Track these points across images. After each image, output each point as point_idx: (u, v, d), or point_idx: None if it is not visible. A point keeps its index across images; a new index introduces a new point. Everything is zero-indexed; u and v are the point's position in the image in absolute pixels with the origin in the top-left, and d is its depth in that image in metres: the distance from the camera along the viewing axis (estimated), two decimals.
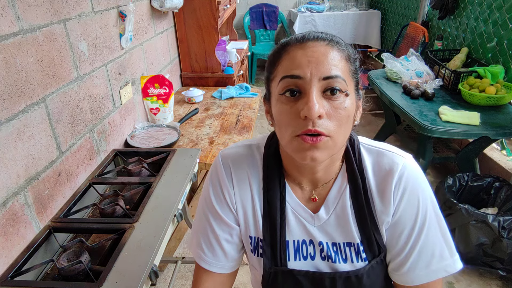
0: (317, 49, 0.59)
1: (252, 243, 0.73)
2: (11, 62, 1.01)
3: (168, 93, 1.92)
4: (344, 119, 0.59)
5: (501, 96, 1.99)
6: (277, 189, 0.70)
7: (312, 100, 0.56)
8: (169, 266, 1.87)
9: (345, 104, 0.59)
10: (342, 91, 0.58)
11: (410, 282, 0.68)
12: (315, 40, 0.60)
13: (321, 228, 0.70)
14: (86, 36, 1.38)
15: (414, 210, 0.66)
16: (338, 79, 0.57)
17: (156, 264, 1.04)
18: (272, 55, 0.65)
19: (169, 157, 1.49)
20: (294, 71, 0.58)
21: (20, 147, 1.04)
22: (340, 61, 0.59)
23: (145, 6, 1.95)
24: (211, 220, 0.73)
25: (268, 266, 0.70)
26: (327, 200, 0.70)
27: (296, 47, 0.60)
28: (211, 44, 2.44)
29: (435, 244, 0.66)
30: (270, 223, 0.70)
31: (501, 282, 1.79)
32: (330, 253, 0.69)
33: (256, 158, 0.73)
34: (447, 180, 2.00)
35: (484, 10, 2.47)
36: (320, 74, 0.57)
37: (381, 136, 2.85)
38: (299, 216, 0.70)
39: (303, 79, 0.57)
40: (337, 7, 4.47)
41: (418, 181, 0.67)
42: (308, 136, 0.57)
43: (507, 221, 1.65)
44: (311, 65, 0.57)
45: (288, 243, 0.70)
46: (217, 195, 0.72)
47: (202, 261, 0.74)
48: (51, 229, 1.11)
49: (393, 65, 2.52)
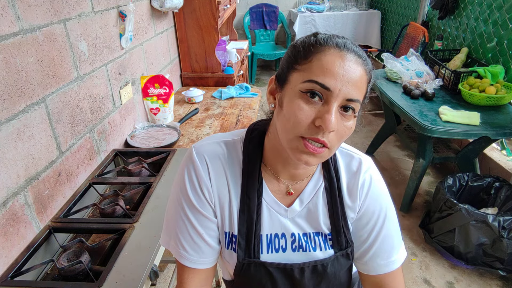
0: (353, 66, 0.59)
1: (226, 238, 0.75)
2: (11, 62, 1.01)
3: (168, 93, 1.92)
4: (345, 137, 0.63)
5: (501, 96, 1.99)
6: (255, 185, 0.72)
7: (332, 114, 0.58)
8: (169, 266, 1.87)
9: (351, 125, 0.63)
10: (354, 112, 0.61)
11: (372, 271, 0.76)
12: (354, 54, 0.60)
13: (293, 220, 0.74)
14: (86, 36, 1.38)
15: (377, 206, 0.74)
16: (357, 103, 0.60)
17: (156, 264, 1.04)
18: (304, 47, 0.62)
19: (169, 157, 1.49)
20: (326, 81, 0.58)
21: (20, 147, 1.04)
22: (364, 85, 0.62)
23: (145, 6, 1.95)
24: (190, 216, 0.72)
25: (242, 257, 0.73)
26: (303, 194, 0.74)
27: (334, 52, 0.59)
28: (211, 44, 2.44)
29: (393, 236, 0.75)
30: (247, 218, 0.72)
31: (501, 282, 1.79)
32: (301, 243, 0.74)
33: (232, 154, 0.73)
34: (447, 180, 2.00)
35: (484, 10, 2.47)
36: (346, 94, 0.58)
37: (381, 136, 2.85)
38: (273, 210, 0.74)
39: (331, 91, 0.58)
40: (337, 7, 4.47)
41: (378, 181, 0.75)
42: (311, 144, 0.59)
43: (507, 221, 1.65)
44: (344, 81, 0.58)
45: (261, 237, 0.74)
46: (196, 192, 0.71)
47: (186, 260, 0.74)
48: (51, 229, 1.11)
49: (393, 65, 2.52)
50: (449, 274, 1.85)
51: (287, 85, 0.63)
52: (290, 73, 0.63)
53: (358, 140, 3.17)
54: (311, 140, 0.59)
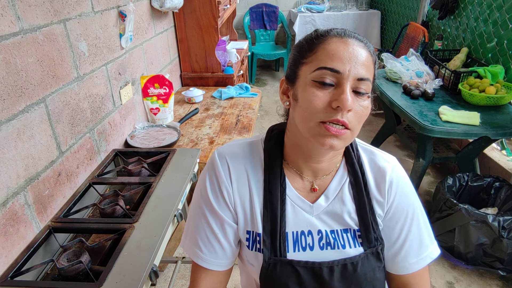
0: (357, 49, 0.62)
1: (250, 238, 0.73)
2: (11, 62, 1.01)
3: (168, 93, 1.92)
4: (363, 117, 0.64)
5: (501, 96, 1.99)
6: (277, 181, 0.72)
7: (347, 93, 0.59)
8: (169, 266, 1.87)
9: (367, 105, 0.63)
10: (367, 92, 0.63)
11: (405, 271, 0.75)
12: (355, 39, 0.63)
13: (318, 217, 0.73)
14: (86, 36, 1.38)
15: (405, 204, 0.74)
16: (368, 82, 0.62)
17: (156, 264, 1.04)
18: (307, 42, 0.66)
19: (169, 157, 1.49)
20: (334, 65, 0.60)
21: (20, 147, 1.04)
22: (372, 64, 0.64)
23: (145, 6, 1.95)
24: (209, 218, 0.73)
25: (268, 256, 0.70)
26: (328, 189, 0.73)
27: (337, 39, 0.62)
28: (211, 44, 2.44)
29: (422, 234, 0.74)
30: (271, 215, 0.71)
31: (501, 282, 1.79)
32: (329, 240, 0.72)
33: (254, 154, 0.75)
34: (447, 180, 2.00)
35: (484, 10, 2.47)
36: (356, 73, 0.60)
37: (381, 136, 2.85)
38: (298, 207, 0.72)
39: (341, 74, 0.60)
40: (337, 7, 4.47)
41: (406, 179, 0.76)
42: (333, 126, 0.60)
43: (507, 221, 1.65)
44: (351, 63, 0.60)
45: (287, 235, 0.72)
46: (215, 192, 0.73)
47: (200, 260, 0.74)
48: (51, 229, 1.11)
49: (393, 65, 2.52)
50: (449, 274, 1.85)
51: (298, 80, 0.66)
52: (298, 68, 0.66)
53: None
54: (331, 124, 0.60)
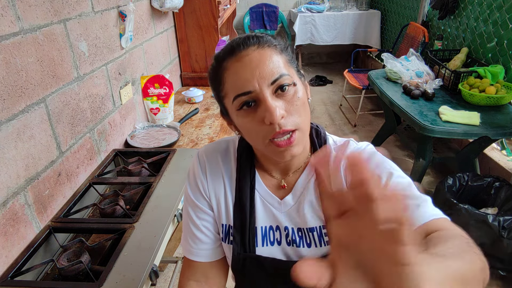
0: (252, 57, 0.61)
1: (224, 231, 0.76)
2: (11, 62, 1.01)
3: (168, 93, 1.92)
4: (300, 107, 0.62)
5: (501, 96, 1.99)
6: (247, 178, 0.74)
7: (270, 105, 0.58)
8: (169, 266, 1.87)
9: (297, 94, 0.62)
10: (290, 84, 0.61)
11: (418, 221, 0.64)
12: (244, 48, 0.62)
13: (287, 214, 0.73)
14: (86, 36, 1.38)
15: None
16: (284, 76, 0.60)
17: (156, 264, 1.04)
18: (212, 74, 0.67)
19: (169, 157, 1.49)
20: (243, 89, 0.60)
21: (20, 147, 1.04)
22: (277, 58, 0.62)
23: (145, 6, 1.95)
24: (190, 211, 0.77)
25: (237, 251, 0.73)
26: (295, 187, 0.73)
27: (232, 61, 0.62)
28: (211, 44, 2.44)
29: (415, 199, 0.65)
30: (241, 210, 0.74)
31: (501, 282, 1.79)
32: (295, 238, 0.72)
33: (230, 151, 0.78)
34: (447, 180, 2.00)
35: (484, 10, 2.47)
36: (266, 81, 0.60)
37: (381, 136, 2.85)
38: (267, 203, 0.74)
39: (254, 92, 0.60)
40: (337, 7, 4.47)
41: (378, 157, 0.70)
42: (280, 140, 0.60)
43: (507, 221, 1.65)
44: (254, 76, 0.59)
45: (256, 229, 0.74)
46: (192, 186, 0.77)
47: (186, 251, 0.78)
48: (51, 229, 1.11)
49: (393, 65, 2.52)
50: None
51: (230, 113, 0.67)
52: (222, 103, 0.68)
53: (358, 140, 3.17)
54: (278, 138, 0.60)
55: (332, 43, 4.56)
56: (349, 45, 4.77)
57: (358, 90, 3.38)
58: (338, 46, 5.00)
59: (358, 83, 3.33)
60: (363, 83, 3.29)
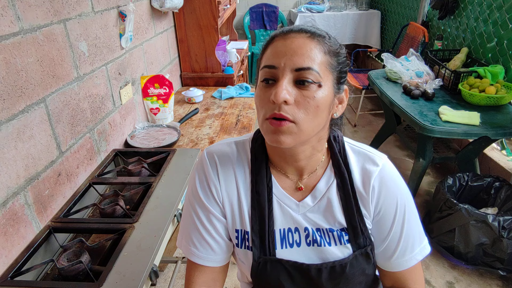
0: (296, 40, 0.62)
1: (239, 236, 0.75)
2: (11, 62, 1.01)
3: (168, 93, 1.92)
4: (312, 108, 0.61)
5: (501, 96, 1.99)
6: (264, 182, 0.73)
7: (280, 86, 0.59)
8: (169, 266, 1.87)
9: (315, 95, 0.61)
10: (315, 82, 0.61)
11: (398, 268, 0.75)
12: (298, 32, 0.63)
13: (304, 215, 0.73)
14: (86, 36, 1.38)
15: (393, 206, 0.72)
16: (311, 70, 0.60)
17: (156, 264, 1.04)
18: (262, 46, 0.69)
19: (169, 157, 1.49)
20: (271, 62, 0.62)
21: (20, 147, 1.04)
22: (317, 53, 0.62)
23: (145, 6, 1.95)
24: (200, 214, 0.75)
25: (257, 255, 0.72)
26: (315, 190, 0.73)
27: (280, 37, 0.64)
28: (211, 44, 2.44)
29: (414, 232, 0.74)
30: (259, 214, 0.72)
31: (501, 282, 1.79)
32: (315, 237, 0.72)
33: (241, 153, 0.76)
34: (447, 180, 2.00)
35: (484, 10, 2.47)
36: (293, 65, 0.60)
37: (381, 136, 2.85)
38: (284, 205, 0.73)
39: (277, 69, 0.61)
40: (337, 7, 4.47)
41: (395, 180, 0.73)
42: (274, 120, 0.61)
43: (507, 221, 1.65)
44: (287, 56, 0.61)
45: (275, 232, 0.73)
46: (204, 189, 0.74)
47: (194, 256, 0.76)
48: (51, 229, 1.11)
49: (393, 65, 2.52)
50: (449, 274, 1.85)
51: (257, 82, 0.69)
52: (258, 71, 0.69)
53: (358, 140, 3.16)
54: (274, 118, 0.61)
55: None
56: (349, 45, 4.76)
57: (358, 90, 3.38)
58: None
59: (358, 83, 3.33)
60: (363, 83, 3.29)
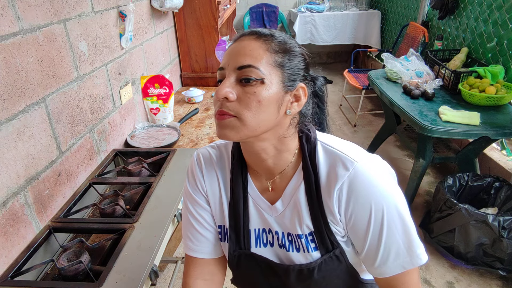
0: (243, 42, 0.65)
1: (221, 232, 0.79)
2: (11, 62, 1.01)
3: (168, 93, 1.92)
4: (253, 103, 0.62)
5: (501, 96, 1.99)
6: (239, 180, 0.76)
7: (222, 85, 0.63)
8: (169, 266, 1.87)
9: (256, 90, 0.62)
10: (257, 79, 0.62)
11: (386, 274, 0.70)
12: (247, 35, 0.66)
13: (277, 218, 0.75)
14: (86, 36, 1.38)
15: (366, 213, 0.66)
16: (251, 68, 0.62)
17: (156, 264, 1.04)
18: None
19: (169, 157, 1.49)
20: (221, 63, 0.67)
21: (20, 147, 1.04)
22: (261, 52, 0.63)
23: (145, 6, 1.95)
24: (190, 207, 0.80)
25: (233, 249, 0.77)
26: (284, 194, 0.74)
27: (234, 42, 0.67)
28: (211, 44, 2.44)
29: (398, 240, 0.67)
30: (235, 211, 0.76)
31: (501, 282, 1.79)
32: (284, 242, 0.74)
33: (223, 154, 0.80)
34: (447, 180, 2.00)
35: (484, 10, 2.47)
36: (235, 64, 0.63)
37: (381, 136, 2.85)
38: (259, 207, 0.76)
39: (224, 69, 0.65)
40: (337, 7, 4.47)
41: (368, 185, 0.65)
42: (219, 115, 0.64)
43: (507, 221, 1.65)
44: (232, 57, 0.64)
45: (250, 231, 0.77)
46: (192, 185, 0.80)
47: (190, 250, 0.80)
48: (51, 229, 1.11)
49: (393, 65, 2.52)
50: (449, 274, 1.85)
51: None
52: None
53: (358, 140, 3.17)
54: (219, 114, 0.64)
55: (332, 43, 4.56)
56: (349, 45, 4.77)
57: (358, 90, 3.38)
58: (338, 46, 5.00)
59: (358, 83, 3.33)
60: (363, 83, 3.29)
